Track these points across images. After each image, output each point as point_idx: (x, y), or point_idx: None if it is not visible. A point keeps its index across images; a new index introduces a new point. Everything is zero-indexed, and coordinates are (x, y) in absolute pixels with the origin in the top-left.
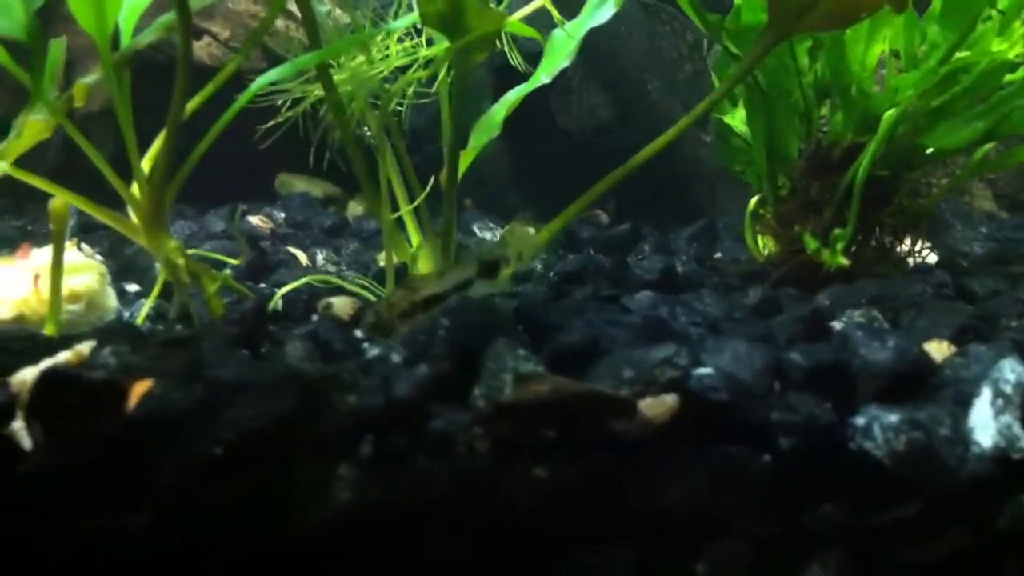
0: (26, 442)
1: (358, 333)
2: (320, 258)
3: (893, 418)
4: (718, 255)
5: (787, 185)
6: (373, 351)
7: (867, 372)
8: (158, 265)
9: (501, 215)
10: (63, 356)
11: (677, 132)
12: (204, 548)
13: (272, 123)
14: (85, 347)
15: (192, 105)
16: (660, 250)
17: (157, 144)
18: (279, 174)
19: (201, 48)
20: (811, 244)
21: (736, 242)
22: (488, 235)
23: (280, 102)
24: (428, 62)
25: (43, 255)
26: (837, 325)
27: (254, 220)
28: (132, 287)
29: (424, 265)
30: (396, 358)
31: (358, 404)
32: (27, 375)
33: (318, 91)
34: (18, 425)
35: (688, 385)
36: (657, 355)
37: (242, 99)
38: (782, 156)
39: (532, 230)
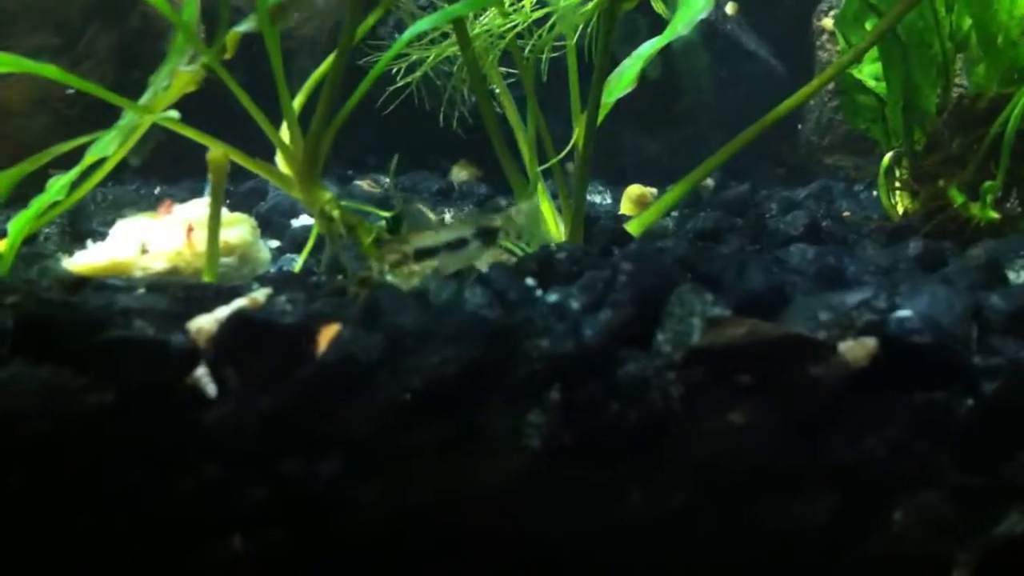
0: (210, 388)
1: (530, 281)
2: (447, 217)
3: None
4: (846, 212)
5: (923, 140)
6: (551, 298)
7: None
8: (294, 221)
9: (610, 180)
10: (238, 303)
11: (812, 91)
12: (394, 495)
13: (393, 88)
14: (260, 295)
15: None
16: (788, 209)
17: (307, 86)
18: None
19: (304, 20)
20: (958, 198)
21: (854, 199)
22: (598, 199)
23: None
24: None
25: (187, 210)
26: (1010, 275)
27: (363, 184)
28: (272, 243)
29: (554, 226)
30: (575, 305)
31: (548, 349)
32: (203, 322)
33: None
34: (202, 372)
35: (887, 328)
36: (854, 298)
37: (394, 49)
38: (919, 110)
39: (654, 190)
